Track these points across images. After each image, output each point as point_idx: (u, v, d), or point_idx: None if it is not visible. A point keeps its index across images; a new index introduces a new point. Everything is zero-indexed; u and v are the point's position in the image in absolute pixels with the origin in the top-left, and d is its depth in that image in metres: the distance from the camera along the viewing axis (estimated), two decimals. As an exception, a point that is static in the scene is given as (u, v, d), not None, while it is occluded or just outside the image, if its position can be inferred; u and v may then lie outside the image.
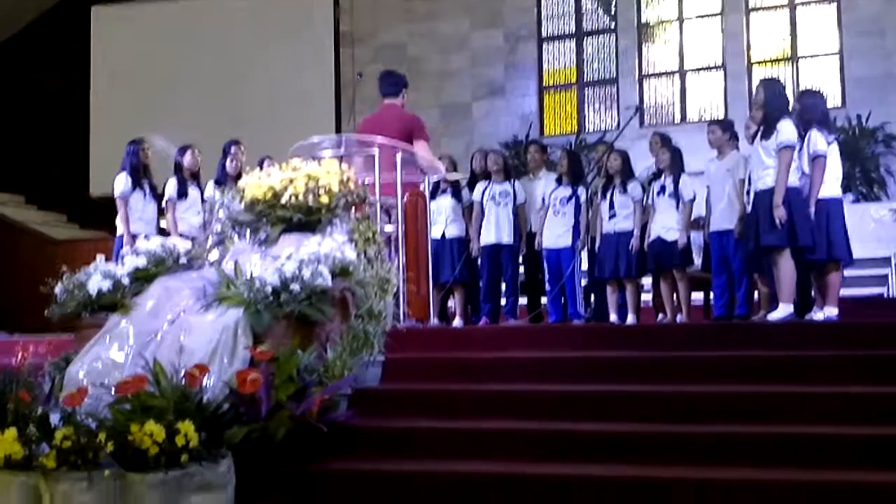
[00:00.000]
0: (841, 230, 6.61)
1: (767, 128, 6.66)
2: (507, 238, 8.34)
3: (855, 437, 4.60)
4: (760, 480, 4.28)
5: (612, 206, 7.96)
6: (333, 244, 5.66)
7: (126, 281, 5.78)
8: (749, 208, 6.88)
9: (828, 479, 4.27)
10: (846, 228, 6.66)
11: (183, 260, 6.08)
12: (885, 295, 9.68)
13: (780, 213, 6.44)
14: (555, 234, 8.16)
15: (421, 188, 7.42)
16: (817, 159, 6.58)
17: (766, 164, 6.63)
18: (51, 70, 15.47)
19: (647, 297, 8.48)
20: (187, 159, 8.64)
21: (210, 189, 8.43)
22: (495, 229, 8.34)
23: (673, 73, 13.51)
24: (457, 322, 8.42)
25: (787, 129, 6.55)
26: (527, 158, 9.21)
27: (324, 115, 13.72)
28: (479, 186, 8.53)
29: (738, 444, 4.64)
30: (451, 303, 8.81)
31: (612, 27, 13.86)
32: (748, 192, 6.95)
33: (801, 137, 6.65)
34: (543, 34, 14.12)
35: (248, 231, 6.18)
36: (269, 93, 13.87)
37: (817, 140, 6.61)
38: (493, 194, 8.40)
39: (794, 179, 6.55)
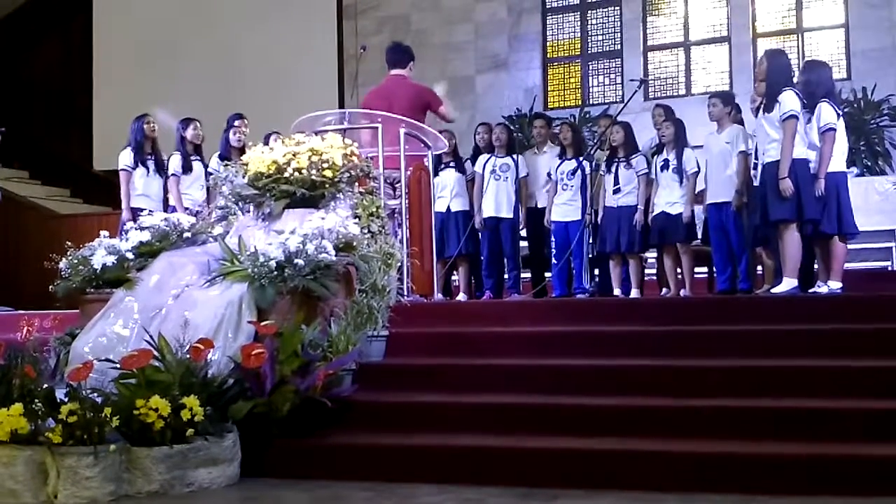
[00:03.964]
0: (848, 204, 6.58)
1: (770, 100, 6.62)
2: (505, 212, 8.33)
3: (859, 411, 4.60)
4: (763, 454, 4.29)
5: (616, 180, 7.94)
6: (337, 219, 5.67)
7: (130, 256, 5.79)
8: (756, 182, 6.85)
9: (831, 452, 4.27)
10: (850, 202, 6.64)
11: (187, 235, 6.09)
12: (890, 268, 9.66)
13: (785, 185, 6.41)
14: (563, 207, 8.15)
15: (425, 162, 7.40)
16: (828, 132, 6.52)
17: (771, 137, 6.58)
18: (53, 44, 15.42)
19: (650, 271, 8.48)
20: (189, 132, 8.62)
21: (214, 163, 8.42)
22: (494, 203, 8.34)
23: (678, 45, 13.43)
24: (461, 297, 8.43)
25: (789, 100, 6.51)
26: (531, 132, 9.16)
27: (326, 89, 13.66)
28: (482, 159, 8.52)
29: (741, 418, 4.65)
30: (455, 277, 8.82)
31: (617, -1, 13.76)
32: (755, 167, 6.92)
33: (809, 110, 6.61)
34: (547, 5, 14.03)
35: (252, 206, 6.17)
36: (271, 66, 13.79)
37: (828, 113, 6.56)
38: (494, 167, 8.39)
39: (801, 151, 6.52)
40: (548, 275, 8.41)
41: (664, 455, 4.39)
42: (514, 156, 8.47)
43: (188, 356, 4.79)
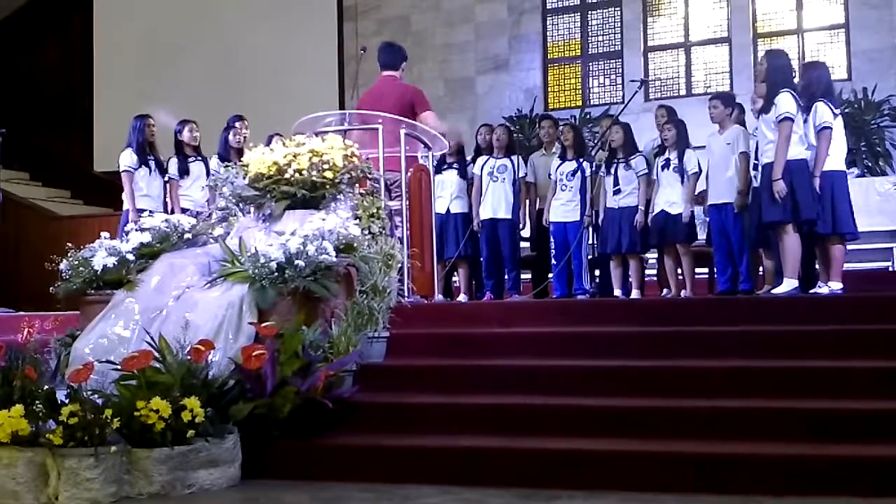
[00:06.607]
0: (846, 204, 6.57)
1: (768, 102, 6.64)
2: (502, 213, 8.34)
3: (860, 411, 4.60)
4: (764, 455, 4.29)
5: (616, 181, 7.94)
6: (338, 220, 5.67)
7: (131, 257, 5.79)
8: (756, 183, 6.85)
9: (832, 453, 4.27)
10: (851, 202, 6.63)
11: (188, 236, 6.09)
12: (890, 269, 9.66)
13: (778, 187, 6.41)
14: (562, 208, 8.16)
15: (424, 163, 7.38)
16: (823, 131, 6.53)
17: (768, 138, 6.60)
18: (53, 46, 15.41)
19: (651, 271, 8.48)
20: (185, 135, 8.63)
21: (214, 164, 8.42)
22: (491, 204, 8.34)
23: (678, 45, 13.44)
24: (461, 298, 8.43)
25: (784, 102, 6.51)
26: (538, 133, 9.14)
27: (326, 90, 13.66)
28: (480, 161, 8.52)
29: (741, 419, 4.65)
30: (455, 278, 8.82)
31: (617, -1, 13.77)
32: (755, 167, 6.93)
33: (807, 110, 6.61)
34: (548, 6, 14.03)
35: (253, 207, 6.18)
36: (271, 67, 13.81)
37: (824, 112, 6.56)
38: (492, 169, 8.39)
39: (799, 152, 6.52)
40: (550, 276, 8.41)
41: (664, 455, 4.39)
42: (514, 157, 8.47)
43: (189, 357, 4.79)
